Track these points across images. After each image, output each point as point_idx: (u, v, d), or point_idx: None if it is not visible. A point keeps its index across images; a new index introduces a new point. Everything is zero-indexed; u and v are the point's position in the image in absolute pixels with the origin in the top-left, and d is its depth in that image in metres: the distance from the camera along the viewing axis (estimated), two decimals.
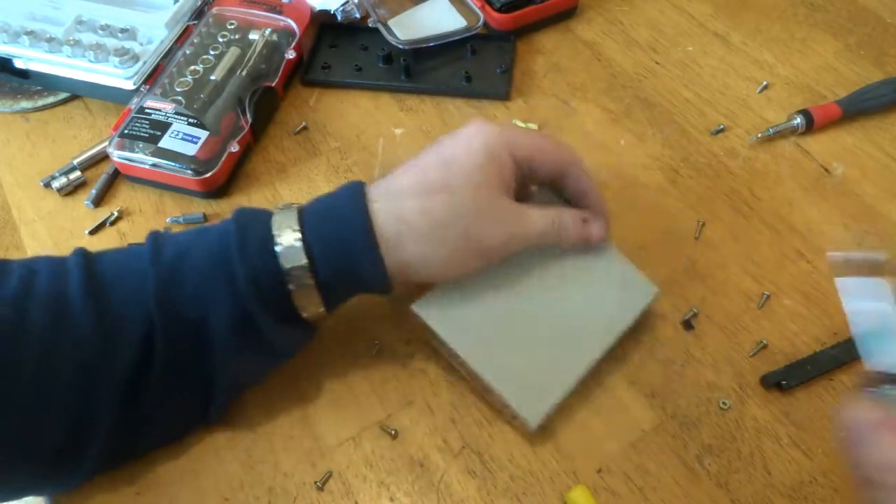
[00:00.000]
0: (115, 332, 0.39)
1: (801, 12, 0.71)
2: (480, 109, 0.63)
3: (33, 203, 0.59)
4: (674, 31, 0.70)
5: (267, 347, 0.42)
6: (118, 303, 0.39)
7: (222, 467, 0.45)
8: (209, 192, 0.57)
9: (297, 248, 0.40)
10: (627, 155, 0.60)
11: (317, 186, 0.59)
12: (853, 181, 0.58)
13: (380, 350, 0.50)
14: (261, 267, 0.40)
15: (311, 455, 0.45)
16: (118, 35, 0.63)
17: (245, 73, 0.61)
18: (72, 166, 0.60)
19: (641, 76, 0.66)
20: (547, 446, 0.45)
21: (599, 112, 0.63)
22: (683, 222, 0.56)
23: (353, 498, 0.44)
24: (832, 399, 0.47)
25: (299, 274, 0.40)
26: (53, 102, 0.65)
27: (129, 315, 0.39)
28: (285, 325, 0.42)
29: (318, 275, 0.40)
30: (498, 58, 0.66)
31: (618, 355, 0.49)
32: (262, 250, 0.40)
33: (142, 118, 0.58)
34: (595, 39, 0.69)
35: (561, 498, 0.44)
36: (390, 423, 0.47)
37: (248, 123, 0.59)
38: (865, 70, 0.66)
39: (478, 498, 0.44)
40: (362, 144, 0.61)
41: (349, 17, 0.69)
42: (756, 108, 0.63)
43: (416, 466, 0.45)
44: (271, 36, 0.65)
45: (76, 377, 0.38)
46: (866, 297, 0.34)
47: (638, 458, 0.45)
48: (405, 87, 0.65)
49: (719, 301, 0.51)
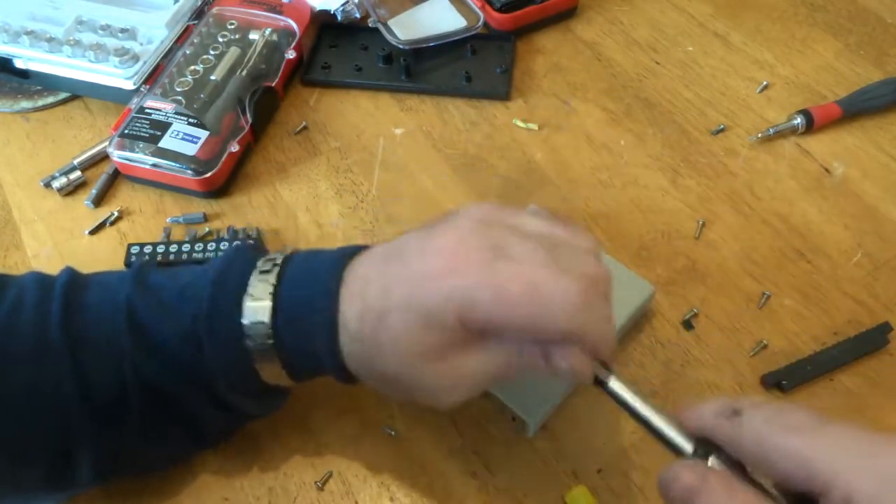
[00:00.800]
0: (93, 374, 0.38)
1: (801, 12, 0.71)
2: (480, 109, 0.63)
3: (33, 203, 0.59)
4: (674, 31, 0.70)
5: (243, 414, 0.42)
6: (93, 352, 0.38)
7: (222, 467, 0.45)
8: (209, 192, 0.57)
9: (264, 327, 0.37)
10: (627, 155, 0.60)
11: (317, 186, 0.59)
12: (853, 181, 0.58)
13: None
14: (229, 359, 0.38)
15: (311, 455, 0.45)
16: (118, 35, 0.63)
17: (245, 73, 0.61)
18: (72, 166, 0.60)
19: (642, 76, 0.66)
20: (547, 446, 0.45)
21: (599, 112, 0.63)
22: (683, 222, 0.56)
23: (353, 498, 0.44)
24: (832, 399, 0.47)
25: (264, 352, 0.38)
26: (53, 102, 0.65)
27: (103, 368, 0.38)
28: (257, 399, 0.41)
29: (283, 361, 0.38)
30: (498, 58, 0.66)
31: (618, 355, 0.49)
32: (230, 339, 0.38)
33: (142, 118, 0.58)
34: (595, 39, 0.69)
35: (561, 498, 0.44)
36: (390, 423, 0.47)
37: (249, 123, 0.59)
38: (865, 70, 0.66)
39: (478, 498, 0.44)
40: (362, 144, 0.61)
41: (349, 17, 0.69)
42: (756, 108, 0.63)
43: (416, 466, 0.45)
44: (271, 36, 0.65)
45: (54, 401, 0.38)
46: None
47: (638, 458, 0.45)
48: (405, 87, 0.65)
49: (719, 301, 0.51)
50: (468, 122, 0.63)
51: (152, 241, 0.54)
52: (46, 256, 0.55)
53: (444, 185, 0.58)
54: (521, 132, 0.62)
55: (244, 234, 0.55)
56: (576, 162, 0.60)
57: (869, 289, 0.52)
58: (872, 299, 0.51)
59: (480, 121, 0.63)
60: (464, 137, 0.61)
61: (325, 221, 0.56)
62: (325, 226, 0.56)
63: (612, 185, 0.58)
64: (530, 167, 0.59)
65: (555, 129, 0.62)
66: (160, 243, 0.54)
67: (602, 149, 0.61)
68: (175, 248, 0.54)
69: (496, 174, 0.59)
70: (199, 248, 0.54)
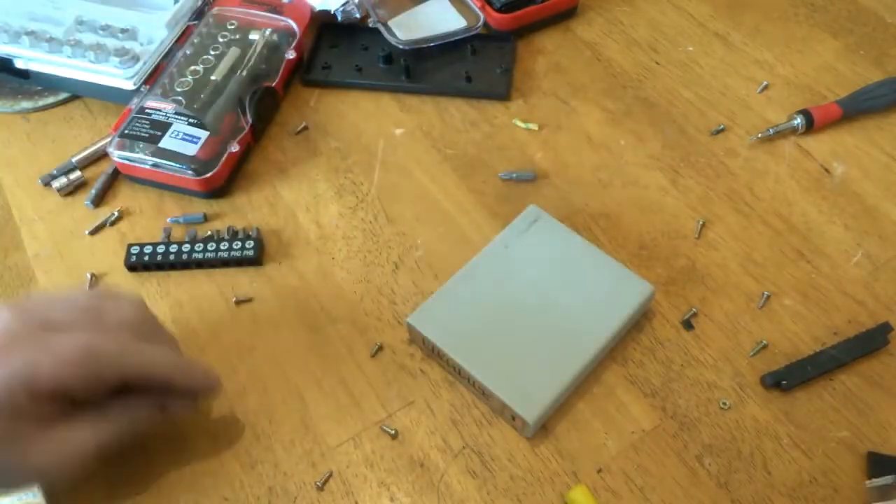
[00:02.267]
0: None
1: (801, 12, 0.71)
2: (480, 109, 0.63)
3: (34, 203, 0.59)
4: (674, 31, 0.70)
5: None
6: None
7: (222, 467, 0.45)
8: (209, 192, 0.57)
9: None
10: (627, 155, 0.60)
11: (317, 186, 0.59)
12: (853, 181, 0.58)
13: (380, 350, 0.50)
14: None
15: (312, 455, 0.45)
16: (118, 35, 0.63)
17: (245, 74, 0.61)
18: (71, 166, 0.60)
19: (642, 76, 0.66)
20: (547, 446, 0.45)
21: (599, 112, 0.63)
22: (683, 222, 0.56)
23: (353, 498, 0.44)
24: (832, 399, 0.47)
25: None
26: (54, 102, 0.65)
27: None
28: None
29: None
30: (498, 58, 0.66)
31: (618, 355, 0.49)
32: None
33: (142, 118, 0.58)
34: (595, 39, 0.69)
35: (561, 498, 0.44)
36: (390, 423, 0.47)
37: (249, 123, 0.59)
38: (865, 70, 0.66)
39: (478, 498, 0.44)
40: (362, 144, 0.61)
41: (349, 17, 0.69)
42: (756, 108, 0.63)
43: (417, 466, 0.45)
44: (271, 36, 0.65)
45: None
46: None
47: (638, 458, 0.45)
48: (405, 88, 0.65)
49: (719, 301, 0.51)
50: (468, 122, 0.63)
51: (152, 242, 0.54)
52: (47, 256, 0.55)
53: (444, 185, 0.58)
54: (521, 132, 0.62)
55: (244, 234, 0.55)
56: (576, 162, 0.60)
57: (869, 289, 0.52)
58: (872, 299, 0.51)
59: (480, 121, 0.63)
60: (464, 137, 0.61)
61: (325, 221, 0.56)
62: (325, 226, 0.56)
63: (612, 185, 0.58)
64: (530, 167, 0.59)
65: (555, 129, 0.62)
66: (160, 243, 0.54)
67: (602, 149, 0.61)
68: (175, 248, 0.54)
69: (496, 174, 0.59)
70: (199, 248, 0.54)
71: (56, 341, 0.38)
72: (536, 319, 0.47)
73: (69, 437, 0.39)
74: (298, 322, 0.51)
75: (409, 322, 0.47)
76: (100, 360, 0.38)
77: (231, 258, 0.53)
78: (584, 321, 0.47)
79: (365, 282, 0.53)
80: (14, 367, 0.36)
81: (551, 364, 0.46)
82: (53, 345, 0.37)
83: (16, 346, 0.37)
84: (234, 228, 0.55)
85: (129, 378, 0.40)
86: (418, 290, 0.52)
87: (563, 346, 0.46)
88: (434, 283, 0.52)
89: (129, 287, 0.53)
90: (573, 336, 0.47)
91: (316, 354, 0.49)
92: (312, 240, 0.55)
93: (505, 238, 0.51)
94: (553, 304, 0.48)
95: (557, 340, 0.46)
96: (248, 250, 0.53)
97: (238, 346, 0.50)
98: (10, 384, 0.36)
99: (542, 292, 0.48)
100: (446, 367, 0.48)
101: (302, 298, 0.52)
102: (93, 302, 0.42)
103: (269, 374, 0.49)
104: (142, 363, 0.40)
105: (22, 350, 0.37)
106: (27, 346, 0.37)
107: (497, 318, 0.47)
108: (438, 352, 0.47)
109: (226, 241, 0.54)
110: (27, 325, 0.38)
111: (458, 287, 0.49)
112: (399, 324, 0.51)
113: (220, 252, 0.53)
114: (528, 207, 0.53)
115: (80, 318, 0.40)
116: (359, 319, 0.51)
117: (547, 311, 0.47)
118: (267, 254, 0.55)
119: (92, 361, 0.38)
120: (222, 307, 0.52)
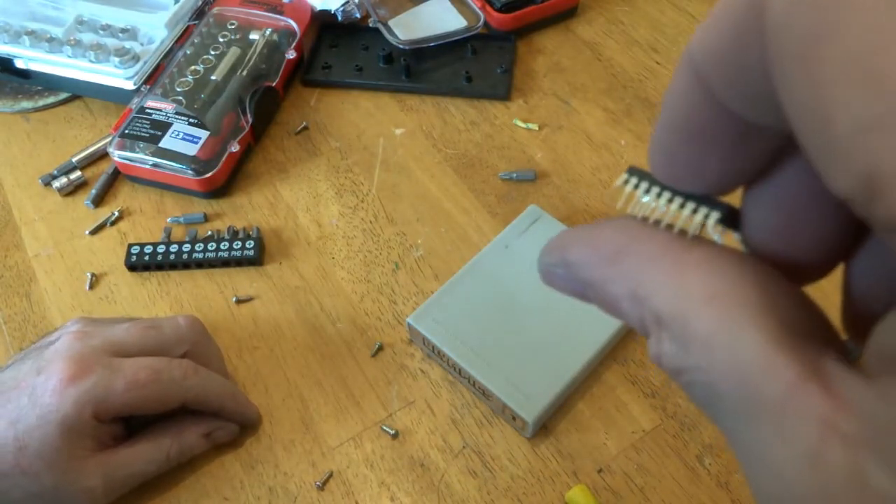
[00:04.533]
0: None
1: None
2: (481, 109, 0.63)
3: (34, 203, 0.59)
4: (674, 30, 0.70)
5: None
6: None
7: (222, 467, 0.45)
8: (210, 192, 0.57)
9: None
10: (628, 155, 0.60)
11: (317, 186, 0.59)
12: None
13: (380, 350, 0.50)
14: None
15: (312, 455, 0.45)
16: (119, 35, 0.63)
17: (245, 73, 0.61)
18: (72, 165, 0.60)
19: (642, 76, 0.66)
20: (547, 446, 0.45)
21: (600, 112, 0.63)
22: None
23: (353, 498, 0.44)
24: None
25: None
26: (54, 102, 0.65)
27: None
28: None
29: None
30: (498, 58, 0.66)
31: (618, 355, 0.49)
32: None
33: (142, 118, 0.58)
34: (595, 39, 0.69)
35: (561, 498, 0.44)
36: (391, 423, 0.47)
37: (249, 123, 0.59)
38: None
39: (478, 498, 0.44)
40: (363, 144, 0.61)
41: (350, 17, 0.69)
42: None
43: (417, 466, 0.45)
44: (272, 36, 0.65)
45: None
46: None
47: (638, 458, 0.45)
48: (405, 87, 0.65)
49: None
50: (468, 122, 0.63)
51: (152, 242, 0.54)
52: (47, 256, 0.55)
53: (444, 185, 0.58)
54: (521, 132, 0.62)
55: (244, 234, 0.55)
56: (576, 162, 0.60)
57: None
58: None
59: (480, 121, 0.63)
60: (464, 137, 0.61)
61: (325, 221, 0.56)
62: (325, 226, 0.56)
63: (613, 185, 0.58)
64: (530, 167, 0.59)
65: (555, 128, 0.62)
66: (160, 243, 0.54)
67: (602, 149, 0.61)
68: (175, 248, 0.54)
69: (496, 174, 0.59)
70: (199, 248, 0.54)
71: (126, 364, 0.40)
72: (536, 319, 0.47)
73: (123, 462, 0.40)
74: (299, 322, 0.51)
75: (410, 322, 0.47)
76: (165, 384, 0.40)
77: (231, 258, 0.53)
78: (584, 321, 0.47)
79: (365, 282, 0.53)
80: (87, 389, 0.38)
81: (551, 364, 0.46)
82: (125, 368, 0.39)
83: (88, 368, 0.39)
84: (235, 228, 0.55)
85: (188, 403, 0.42)
86: (418, 290, 0.52)
87: (563, 345, 0.46)
88: (434, 283, 0.52)
89: (129, 287, 0.53)
90: (573, 336, 0.47)
91: (316, 354, 0.49)
92: (313, 240, 0.55)
93: (505, 238, 0.51)
94: (553, 303, 0.48)
95: (557, 340, 0.46)
96: (249, 250, 0.53)
97: (238, 345, 0.50)
98: (82, 406, 0.38)
99: (542, 292, 0.48)
100: (446, 366, 0.48)
101: (302, 298, 0.52)
102: (150, 321, 0.44)
103: (269, 374, 0.49)
104: (201, 390, 0.42)
105: (94, 372, 0.39)
106: (98, 369, 0.39)
107: (497, 318, 0.47)
108: (439, 352, 0.47)
109: (226, 240, 0.54)
110: (95, 349, 0.40)
111: (459, 287, 0.49)
112: (399, 324, 0.51)
113: (221, 252, 0.53)
114: (528, 207, 0.53)
115: (142, 338, 0.42)
116: (359, 319, 0.51)
117: (547, 311, 0.47)
118: (267, 254, 0.55)
119: (159, 386, 0.40)
120: (222, 307, 0.52)
